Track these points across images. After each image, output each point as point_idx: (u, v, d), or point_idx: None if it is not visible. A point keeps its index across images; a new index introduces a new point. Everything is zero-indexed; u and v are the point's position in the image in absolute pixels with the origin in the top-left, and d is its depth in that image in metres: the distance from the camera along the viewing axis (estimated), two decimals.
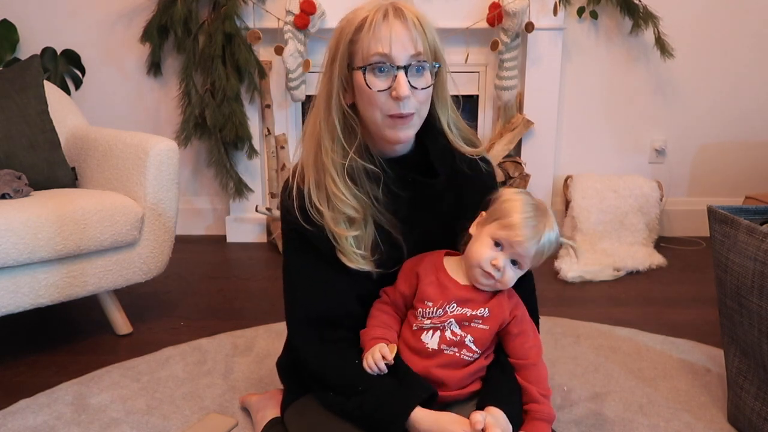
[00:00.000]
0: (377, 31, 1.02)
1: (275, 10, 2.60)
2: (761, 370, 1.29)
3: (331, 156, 1.08)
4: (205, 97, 2.65)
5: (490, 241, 1.08)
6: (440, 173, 1.14)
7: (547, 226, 1.09)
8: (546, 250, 1.10)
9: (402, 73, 1.02)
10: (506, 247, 1.08)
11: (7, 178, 1.79)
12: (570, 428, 1.40)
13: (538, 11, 2.61)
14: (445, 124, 1.15)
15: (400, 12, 1.03)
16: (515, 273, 1.10)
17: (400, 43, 1.02)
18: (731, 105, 2.86)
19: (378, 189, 1.11)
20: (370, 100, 1.05)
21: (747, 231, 1.26)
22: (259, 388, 1.56)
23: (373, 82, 1.03)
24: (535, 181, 2.79)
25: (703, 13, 2.76)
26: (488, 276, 1.08)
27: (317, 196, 1.09)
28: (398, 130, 1.06)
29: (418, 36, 1.03)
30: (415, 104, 1.05)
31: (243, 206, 2.86)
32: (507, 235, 1.07)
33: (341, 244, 1.10)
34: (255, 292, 2.27)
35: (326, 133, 1.09)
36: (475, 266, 1.09)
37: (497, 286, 1.10)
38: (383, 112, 1.05)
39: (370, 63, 1.03)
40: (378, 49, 1.02)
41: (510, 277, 1.09)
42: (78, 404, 1.51)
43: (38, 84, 2.01)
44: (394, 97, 1.03)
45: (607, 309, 2.11)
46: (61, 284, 1.70)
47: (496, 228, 1.08)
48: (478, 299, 1.11)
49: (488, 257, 1.08)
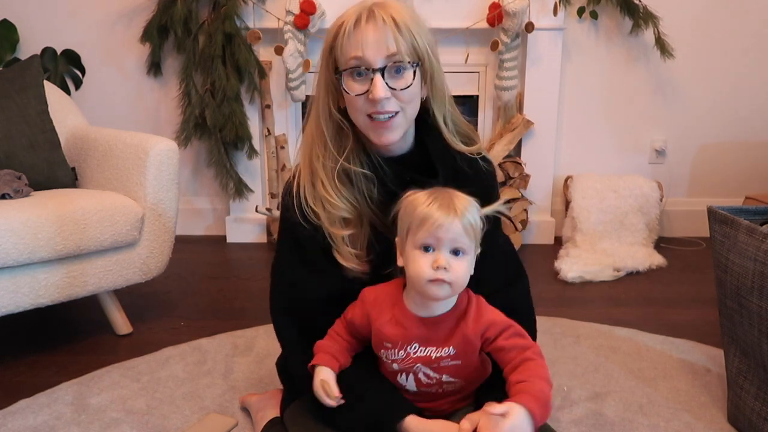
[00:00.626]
0: (351, 36, 1.03)
1: (275, 10, 2.60)
2: (761, 370, 1.29)
3: (322, 161, 1.10)
4: (205, 97, 2.65)
5: (419, 251, 1.00)
6: (440, 172, 1.13)
7: (455, 198, 1.01)
8: (473, 220, 1.00)
9: (378, 76, 1.02)
10: (435, 244, 0.99)
11: (7, 178, 1.79)
12: (570, 428, 1.40)
13: (538, 11, 2.61)
14: (441, 120, 1.14)
15: (373, 14, 1.03)
16: (465, 262, 1.00)
17: (372, 46, 1.02)
18: (731, 105, 2.86)
19: (374, 189, 1.12)
20: (351, 104, 1.06)
21: (747, 231, 1.26)
22: (259, 388, 1.56)
23: (351, 86, 1.05)
24: (535, 181, 2.79)
25: (703, 13, 2.76)
26: (440, 282, 0.98)
27: (312, 197, 1.11)
28: (381, 133, 1.07)
29: (391, 36, 1.02)
30: (397, 104, 1.05)
31: (243, 206, 2.86)
32: (425, 230, 0.98)
33: (337, 244, 1.11)
34: (255, 292, 2.27)
35: (316, 138, 1.11)
36: (422, 282, 0.99)
37: (456, 288, 1.00)
38: (364, 115, 1.06)
39: (348, 67, 1.04)
40: (352, 53, 1.03)
41: (463, 270, 1.00)
42: (78, 404, 1.51)
43: (38, 84, 2.01)
44: (370, 99, 1.03)
45: (607, 309, 2.11)
46: (61, 284, 1.70)
47: (413, 235, 1.00)
48: (439, 335, 1.03)
49: (426, 264, 0.98)
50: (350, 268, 1.12)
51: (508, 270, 1.23)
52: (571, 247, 2.59)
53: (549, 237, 2.87)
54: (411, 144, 1.15)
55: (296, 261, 1.16)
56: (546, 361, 1.03)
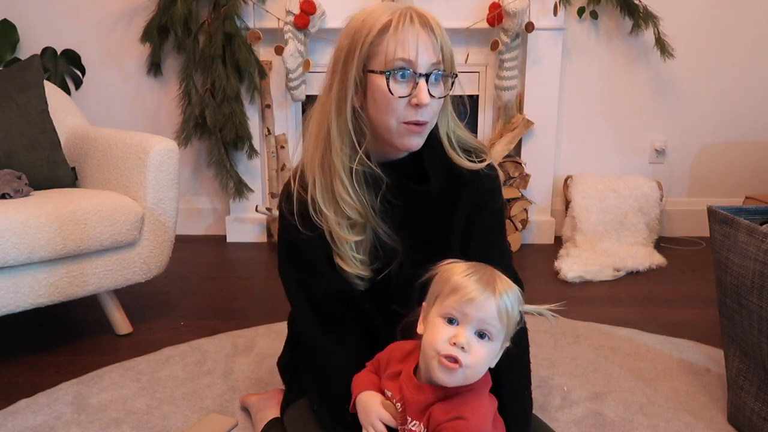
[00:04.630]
0: (403, 35, 1.00)
1: (275, 10, 2.60)
2: (761, 371, 1.29)
3: (341, 157, 1.06)
4: (205, 97, 2.65)
5: (442, 321, 0.89)
6: (432, 180, 1.12)
7: (497, 277, 0.92)
8: (510, 306, 0.90)
9: (423, 81, 1.01)
10: (462, 319, 0.89)
11: (7, 178, 1.79)
12: (570, 428, 1.40)
13: (538, 11, 2.61)
14: (443, 133, 1.12)
15: (426, 19, 1.02)
16: (487, 348, 0.89)
17: (425, 51, 1.01)
18: (731, 105, 2.86)
19: (375, 198, 1.10)
20: (388, 106, 1.02)
21: (747, 231, 1.26)
22: (259, 388, 1.56)
23: (394, 88, 1.01)
24: (535, 181, 2.79)
25: (703, 13, 2.76)
26: (451, 361, 0.87)
27: (323, 198, 1.08)
28: (411, 138, 1.05)
29: (439, 44, 1.02)
30: (430, 113, 1.04)
31: (243, 206, 2.86)
32: (456, 300, 0.89)
33: (341, 249, 1.09)
34: (255, 292, 2.27)
35: (337, 133, 1.06)
36: (433, 356, 0.88)
37: (469, 376, 0.89)
38: (399, 119, 1.03)
39: (394, 68, 1.01)
40: (402, 54, 1.00)
41: (482, 354, 0.89)
42: (78, 404, 1.51)
43: (38, 84, 2.01)
44: (413, 104, 1.02)
45: (607, 309, 2.11)
46: (61, 284, 1.70)
47: (441, 302, 0.90)
48: (420, 406, 0.92)
49: (444, 335, 0.88)
50: (351, 273, 1.10)
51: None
52: (571, 247, 2.59)
53: (549, 237, 2.87)
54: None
55: (294, 264, 1.15)
56: (546, 363, 1.02)
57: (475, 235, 1.15)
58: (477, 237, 1.15)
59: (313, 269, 1.13)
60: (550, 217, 2.89)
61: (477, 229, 1.15)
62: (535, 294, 2.23)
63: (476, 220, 1.15)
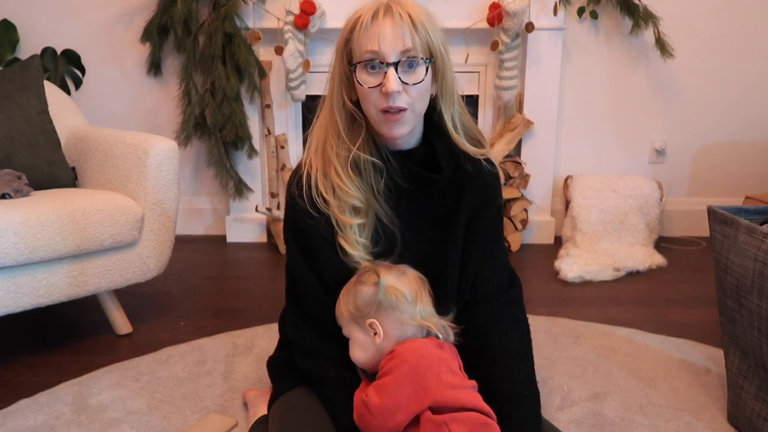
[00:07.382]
0: (367, 29, 1.05)
1: (275, 10, 2.60)
2: (761, 371, 1.29)
3: (336, 150, 1.13)
4: (205, 97, 2.65)
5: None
6: (444, 170, 1.15)
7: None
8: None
9: (391, 69, 1.05)
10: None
11: (7, 178, 1.79)
12: (570, 428, 1.40)
13: (538, 11, 2.61)
14: (449, 120, 1.16)
15: (390, 10, 1.06)
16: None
17: (388, 40, 1.04)
18: (731, 105, 2.86)
19: (381, 181, 1.15)
20: (366, 97, 1.09)
21: (747, 231, 1.26)
22: (259, 387, 1.56)
23: (365, 79, 1.07)
24: (535, 181, 2.79)
25: (703, 13, 2.76)
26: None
27: (323, 185, 1.14)
28: (392, 126, 1.09)
29: (407, 32, 1.05)
30: (408, 100, 1.07)
31: (243, 206, 2.86)
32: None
33: (345, 232, 1.14)
34: (255, 292, 2.27)
35: (330, 127, 1.14)
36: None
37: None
38: (376, 108, 1.08)
39: (362, 60, 1.06)
40: (369, 46, 1.05)
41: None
42: (78, 404, 1.51)
43: (38, 84, 2.01)
44: (383, 92, 1.06)
45: (607, 309, 2.11)
46: (61, 284, 1.70)
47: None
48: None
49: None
50: (354, 255, 1.14)
51: (503, 277, 1.23)
52: (571, 247, 2.59)
53: (549, 237, 2.87)
54: (418, 140, 1.18)
55: (298, 251, 1.19)
56: (546, 362, 1.04)
57: (476, 230, 1.20)
58: (477, 231, 1.20)
59: (315, 256, 1.17)
60: (550, 217, 2.89)
61: (478, 224, 1.20)
62: (535, 294, 2.23)
63: (479, 215, 1.20)
